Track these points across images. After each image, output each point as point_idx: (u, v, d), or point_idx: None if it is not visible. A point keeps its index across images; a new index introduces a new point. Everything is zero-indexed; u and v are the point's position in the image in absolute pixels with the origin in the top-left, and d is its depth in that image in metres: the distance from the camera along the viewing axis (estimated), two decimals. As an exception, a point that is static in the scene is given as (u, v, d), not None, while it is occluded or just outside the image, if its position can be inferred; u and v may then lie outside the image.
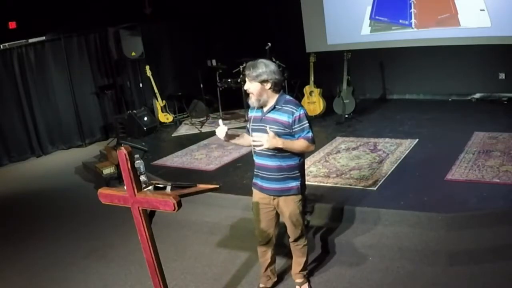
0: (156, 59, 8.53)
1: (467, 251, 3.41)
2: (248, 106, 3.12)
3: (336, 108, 7.09)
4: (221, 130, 2.96)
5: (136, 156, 2.56)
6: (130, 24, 7.80)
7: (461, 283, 3.17)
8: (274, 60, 7.37)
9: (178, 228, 4.49)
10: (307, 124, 2.89)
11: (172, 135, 7.47)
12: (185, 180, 2.69)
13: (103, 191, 2.64)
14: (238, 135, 3.14)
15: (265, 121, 2.90)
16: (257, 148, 2.87)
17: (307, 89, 7.39)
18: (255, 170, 3.08)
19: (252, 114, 3.01)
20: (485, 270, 3.24)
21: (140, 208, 2.45)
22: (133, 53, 7.83)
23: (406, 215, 3.76)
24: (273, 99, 2.89)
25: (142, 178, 2.55)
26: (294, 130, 2.87)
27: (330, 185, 4.57)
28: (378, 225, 3.81)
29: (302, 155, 3.04)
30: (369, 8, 7.87)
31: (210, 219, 4.46)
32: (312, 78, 7.33)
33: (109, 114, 8.50)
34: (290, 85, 8.20)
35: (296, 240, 3.22)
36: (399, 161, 4.98)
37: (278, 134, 2.83)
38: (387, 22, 7.79)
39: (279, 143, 2.79)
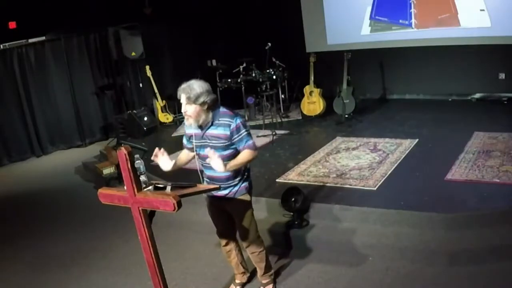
0: (156, 59, 8.52)
1: (467, 251, 3.41)
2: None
3: (336, 108, 7.09)
4: (166, 163, 2.93)
5: (136, 156, 2.56)
6: (130, 24, 7.80)
7: (461, 283, 3.17)
8: (274, 60, 7.42)
9: (178, 228, 4.49)
10: (246, 133, 2.89)
11: (172, 135, 7.46)
12: (185, 180, 2.68)
13: (103, 191, 2.64)
14: (175, 161, 3.05)
15: (206, 137, 2.92)
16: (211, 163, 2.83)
17: (307, 89, 7.40)
18: (206, 179, 3.09)
19: (191, 131, 2.99)
20: (485, 270, 3.24)
21: (140, 208, 2.44)
22: (133, 53, 7.83)
23: (406, 215, 3.76)
24: (209, 117, 2.89)
25: (142, 178, 2.55)
26: (234, 141, 2.88)
27: (330, 185, 4.57)
28: (378, 225, 3.81)
29: None
30: (369, 8, 7.87)
31: (210, 219, 4.45)
32: (312, 78, 7.34)
33: (109, 114, 8.51)
34: (290, 85, 8.21)
35: (249, 246, 3.21)
36: (399, 161, 4.97)
37: (220, 148, 2.87)
38: (387, 22, 7.79)
39: (225, 168, 2.78)
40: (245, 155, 2.89)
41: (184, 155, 3.13)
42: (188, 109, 2.82)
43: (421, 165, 4.79)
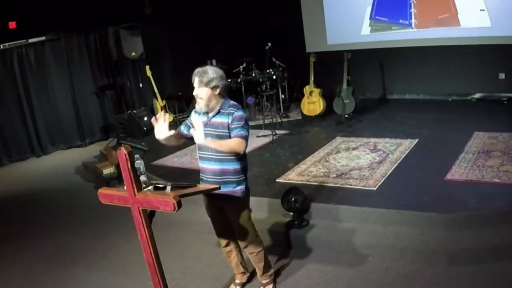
0: (156, 59, 8.53)
1: (467, 251, 3.41)
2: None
3: (336, 108, 7.09)
4: (164, 131, 2.86)
5: (136, 156, 2.56)
6: (130, 24, 7.80)
7: (461, 283, 3.17)
8: (274, 60, 7.42)
9: (178, 228, 4.49)
10: (244, 125, 2.88)
11: (172, 135, 7.46)
12: (185, 180, 2.69)
13: (103, 191, 2.64)
14: (172, 133, 2.97)
15: (211, 125, 2.92)
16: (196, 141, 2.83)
17: (307, 89, 7.40)
18: (200, 174, 3.08)
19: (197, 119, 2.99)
20: (485, 270, 3.24)
21: (140, 208, 2.45)
22: (133, 53, 7.83)
23: (406, 215, 3.76)
24: (219, 104, 2.92)
25: (142, 178, 2.55)
26: (231, 128, 2.88)
27: (330, 185, 4.57)
28: (378, 225, 3.81)
29: (244, 159, 3.04)
30: (369, 8, 7.88)
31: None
32: (312, 78, 7.34)
33: (109, 114, 8.51)
34: (290, 85, 8.21)
35: (247, 246, 3.21)
36: (399, 161, 4.97)
37: (223, 137, 2.87)
38: (387, 22, 7.79)
39: (206, 141, 2.78)
40: (232, 141, 2.84)
41: (176, 134, 3.07)
42: (200, 92, 2.87)
43: (421, 165, 4.79)
